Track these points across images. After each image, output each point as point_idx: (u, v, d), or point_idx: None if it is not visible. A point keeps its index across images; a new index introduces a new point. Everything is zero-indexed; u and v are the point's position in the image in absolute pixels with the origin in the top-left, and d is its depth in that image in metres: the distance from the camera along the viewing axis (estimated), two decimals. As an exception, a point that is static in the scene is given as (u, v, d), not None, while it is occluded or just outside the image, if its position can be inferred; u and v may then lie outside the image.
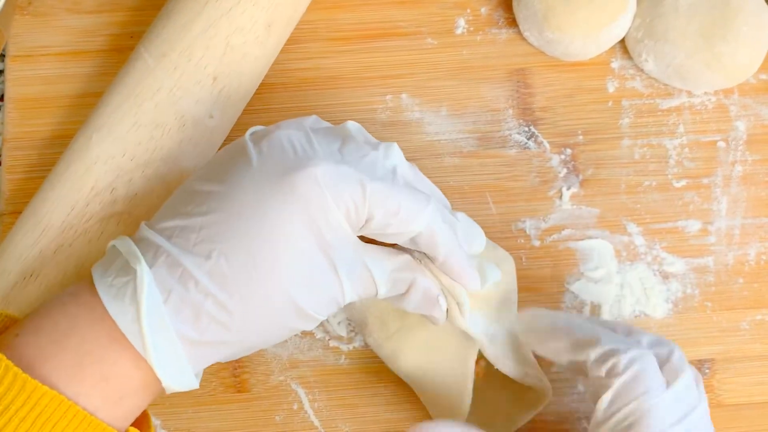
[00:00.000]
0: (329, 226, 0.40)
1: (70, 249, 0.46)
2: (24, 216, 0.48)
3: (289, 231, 0.39)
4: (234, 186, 0.40)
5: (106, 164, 0.47)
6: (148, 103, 0.48)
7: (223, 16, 0.49)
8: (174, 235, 0.39)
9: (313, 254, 0.40)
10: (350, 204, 0.40)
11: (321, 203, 0.39)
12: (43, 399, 0.36)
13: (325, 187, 0.39)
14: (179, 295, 0.38)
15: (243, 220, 0.39)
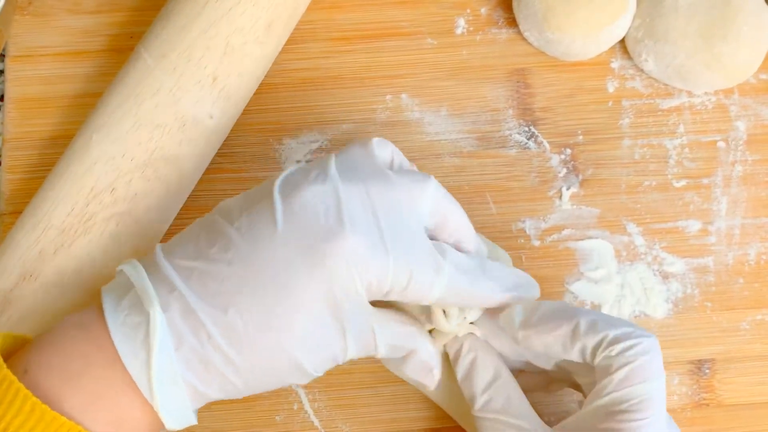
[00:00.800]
0: (348, 298, 0.40)
1: (70, 249, 0.46)
2: (24, 216, 0.48)
3: (309, 300, 0.39)
4: (260, 245, 0.39)
5: (105, 165, 0.47)
6: (148, 103, 0.48)
7: (223, 17, 0.49)
8: (192, 278, 0.39)
9: (326, 320, 0.40)
10: (373, 279, 0.40)
11: (347, 277, 0.39)
12: (62, 430, 0.36)
13: (353, 264, 0.39)
14: (191, 346, 0.38)
15: (265, 280, 0.39)
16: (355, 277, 0.39)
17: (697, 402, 0.51)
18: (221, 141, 0.52)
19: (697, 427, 0.50)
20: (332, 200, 0.40)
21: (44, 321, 0.45)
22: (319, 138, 0.54)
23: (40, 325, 0.45)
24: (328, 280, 0.39)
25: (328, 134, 0.55)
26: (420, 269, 0.41)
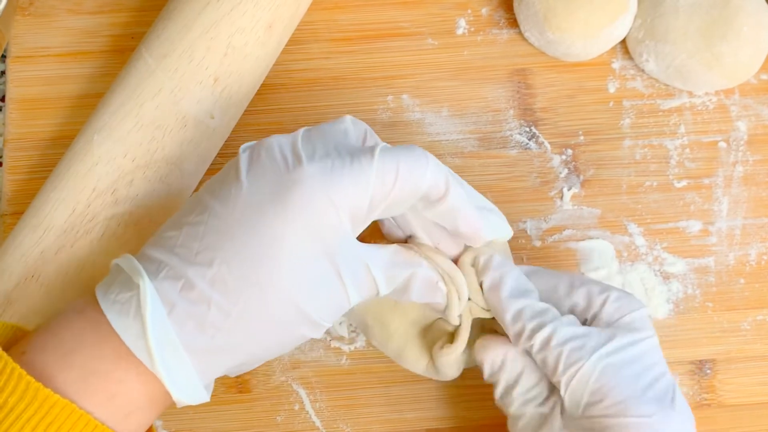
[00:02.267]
0: (332, 231, 0.39)
1: (72, 250, 0.46)
2: (26, 217, 0.48)
3: (290, 239, 0.39)
4: (230, 197, 0.40)
5: (107, 165, 0.47)
6: (149, 103, 0.48)
7: (224, 17, 0.49)
8: (177, 245, 0.39)
9: (315, 260, 0.39)
10: (353, 199, 0.40)
11: (320, 210, 0.39)
12: (55, 408, 0.36)
13: (321, 193, 0.39)
14: (183, 307, 0.38)
15: (242, 228, 0.39)
16: (331, 206, 0.39)
17: (699, 402, 0.51)
18: (223, 141, 0.52)
19: (698, 428, 0.50)
20: (290, 143, 0.41)
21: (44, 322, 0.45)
22: (320, 138, 0.54)
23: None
24: (302, 214, 0.39)
25: (329, 135, 0.55)
26: (406, 154, 0.41)
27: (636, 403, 0.40)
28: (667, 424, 0.40)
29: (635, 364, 0.41)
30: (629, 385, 0.41)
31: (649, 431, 0.40)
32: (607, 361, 0.41)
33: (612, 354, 0.41)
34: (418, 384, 0.50)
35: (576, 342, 0.41)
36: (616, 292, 0.44)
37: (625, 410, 0.40)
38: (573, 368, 0.41)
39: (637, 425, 0.40)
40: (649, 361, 0.42)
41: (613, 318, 0.43)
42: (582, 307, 0.44)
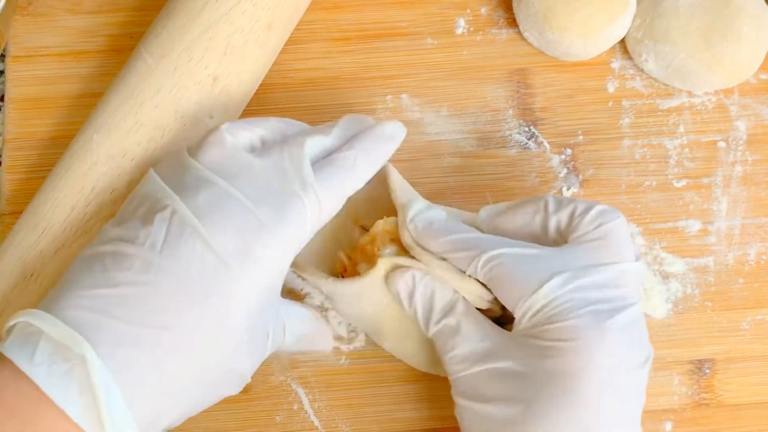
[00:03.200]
0: (274, 288, 0.42)
1: (71, 250, 0.46)
2: (24, 216, 0.48)
3: (240, 306, 0.40)
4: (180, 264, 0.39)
5: (106, 165, 0.47)
6: (148, 103, 0.48)
7: (223, 17, 0.49)
8: (115, 307, 0.38)
9: (253, 322, 0.41)
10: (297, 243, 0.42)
11: (272, 269, 0.41)
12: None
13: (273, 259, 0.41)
14: (130, 374, 0.37)
15: (197, 293, 0.39)
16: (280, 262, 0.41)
17: (698, 402, 0.51)
18: (221, 141, 0.52)
19: (697, 427, 0.50)
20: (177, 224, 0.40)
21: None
22: (320, 138, 0.54)
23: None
24: (256, 273, 0.40)
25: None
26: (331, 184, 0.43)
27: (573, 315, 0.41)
28: (596, 336, 0.40)
29: (593, 291, 0.42)
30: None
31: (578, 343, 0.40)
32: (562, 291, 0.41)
33: (568, 282, 0.41)
34: (418, 384, 0.50)
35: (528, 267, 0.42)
36: (598, 206, 0.44)
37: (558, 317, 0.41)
38: (526, 297, 0.42)
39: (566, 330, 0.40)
40: (606, 288, 0.42)
41: (588, 229, 0.43)
42: (565, 224, 0.44)
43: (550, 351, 0.41)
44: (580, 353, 0.40)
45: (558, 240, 0.45)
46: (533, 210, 0.45)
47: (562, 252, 0.43)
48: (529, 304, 0.42)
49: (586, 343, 0.40)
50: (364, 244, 0.48)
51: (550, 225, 0.45)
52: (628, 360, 0.41)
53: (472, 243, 0.44)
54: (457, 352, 0.44)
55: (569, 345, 0.40)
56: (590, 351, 0.40)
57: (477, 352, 0.43)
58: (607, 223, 0.43)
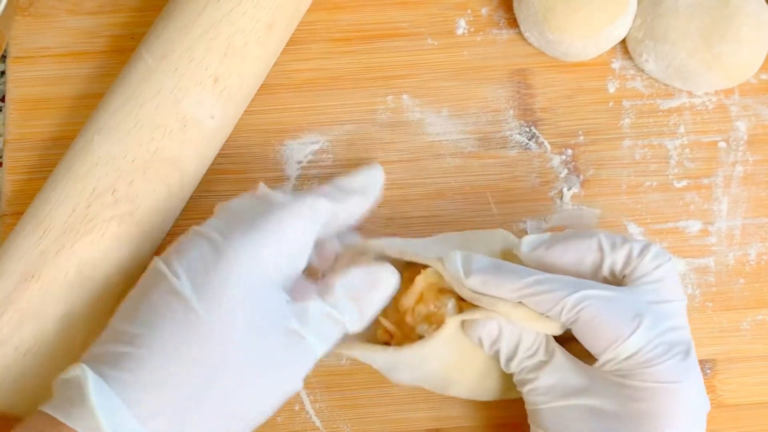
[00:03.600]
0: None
1: (72, 250, 0.46)
2: (25, 217, 0.48)
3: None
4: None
5: (107, 165, 0.47)
6: (149, 104, 0.48)
7: (223, 18, 0.49)
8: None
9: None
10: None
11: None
12: None
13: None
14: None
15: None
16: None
17: (698, 402, 0.51)
18: (222, 142, 0.52)
19: (698, 427, 0.50)
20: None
21: (45, 323, 0.45)
22: (320, 139, 0.54)
23: (40, 327, 0.45)
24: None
25: (329, 135, 0.55)
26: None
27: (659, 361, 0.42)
28: (687, 376, 0.42)
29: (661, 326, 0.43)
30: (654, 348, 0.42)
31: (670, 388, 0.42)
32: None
33: (653, 327, 0.42)
34: (418, 384, 0.50)
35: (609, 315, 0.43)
36: (654, 248, 0.45)
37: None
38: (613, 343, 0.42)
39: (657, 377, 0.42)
40: (672, 323, 0.43)
41: (647, 271, 0.44)
42: (621, 265, 0.45)
43: (642, 393, 0.42)
44: (670, 394, 0.42)
45: (609, 279, 0.45)
46: (586, 248, 0.45)
47: (632, 293, 0.44)
48: (621, 349, 0.42)
49: (675, 384, 0.42)
50: (411, 305, 0.46)
51: (604, 265, 0.45)
52: (703, 396, 0.44)
53: (554, 285, 0.43)
54: (542, 383, 0.44)
55: (659, 387, 0.42)
56: (679, 391, 0.42)
57: (564, 387, 0.44)
58: (664, 264, 0.44)
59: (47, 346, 0.45)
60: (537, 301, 0.43)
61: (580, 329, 0.43)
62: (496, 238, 0.48)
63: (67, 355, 0.46)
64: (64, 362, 0.46)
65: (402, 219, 0.53)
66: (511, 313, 0.44)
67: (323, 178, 0.54)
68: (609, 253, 0.45)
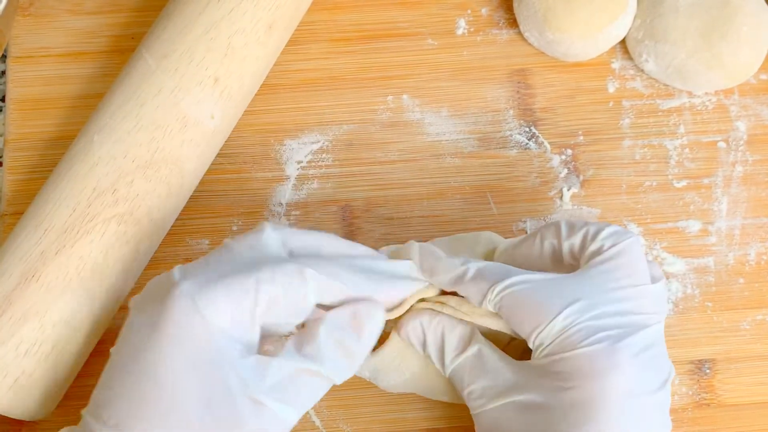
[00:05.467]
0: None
1: (72, 250, 0.46)
2: (26, 217, 0.48)
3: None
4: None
5: (107, 165, 0.47)
6: (150, 104, 0.48)
7: (224, 18, 0.49)
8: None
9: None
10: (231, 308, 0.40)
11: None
12: None
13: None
14: None
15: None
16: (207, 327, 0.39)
17: (698, 402, 0.51)
18: (223, 142, 0.52)
19: (697, 427, 0.50)
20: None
21: (45, 323, 0.45)
22: (320, 139, 0.55)
23: (40, 327, 0.45)
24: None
25: (329, 135, 0.55)
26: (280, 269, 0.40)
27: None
28: (615, 362, 0.40)
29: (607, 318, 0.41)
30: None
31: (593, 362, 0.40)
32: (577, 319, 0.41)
33: (584, 310, 0.41)
34: (418, 384, 0.50)
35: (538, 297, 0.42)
36: (610, 227, 0.43)
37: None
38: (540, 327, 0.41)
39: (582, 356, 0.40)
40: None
41: (600, 249, 0.43)
42: (578, 247, 0.44)
43: (567, 380, 0.40)
44: (595, 380, 0.39)
45: (574, 265, 0.44)
46: (547, 236, 0.45)
47: (576, 278, 0.42)
48: (545, 334, 0.41)
49: (599, 369, 0.39)
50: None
51: (563, 250, 0.44)
52: (645, 383, 0.40)
53: (485, 273, 0.43)
54: (475, 386, 0.44)
55: (583, 373, 0.40)
56: (604, 377, 0.39)
57: (496, 386, 0.43)
58: (620, 243, 0.42)
59: (47, 347, 0.45)
60: (468, 291, 0.43)
61: (508, 316, 0.42)
62: (480, 241, 0.48)
63: (67, 355, 0.46)
64: (63, 363, 0.46)
65: (402, 219, 0.53)
66: (472, 312, 0.44)
67: (323, 177, 0.54)
68: (566, 238, 0.44)
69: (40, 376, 0.45)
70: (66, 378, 0.47)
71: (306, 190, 0.54)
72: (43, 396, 0.46)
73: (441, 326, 0.45)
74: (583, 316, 0.40)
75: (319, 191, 0.54)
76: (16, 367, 0.44)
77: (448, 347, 0.45)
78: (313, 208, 0.53)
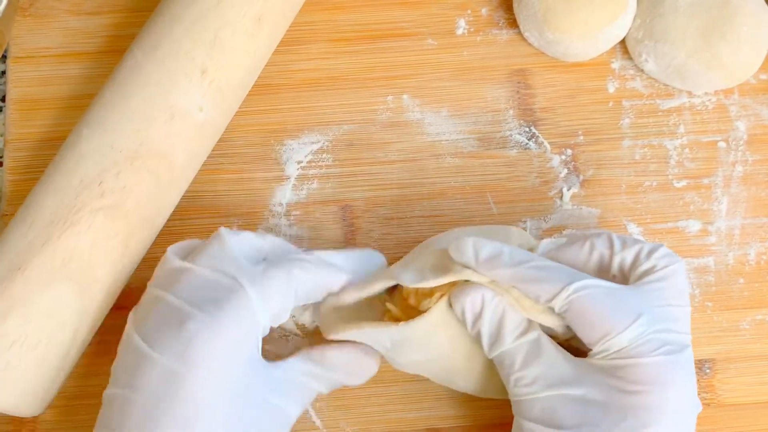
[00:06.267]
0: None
1: (58, 242, 0.45)
2: (18, 212, 0.47)
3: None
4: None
5: (94, 157, 0.47)
6: (137, 96, 0.48)
7: (211, 10, 0.49)
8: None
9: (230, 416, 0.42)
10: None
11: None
12: None
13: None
14: None
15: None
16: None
17: (698, 402, 0.51)
18: (216, 136, 0.52)
19: (697, 427, 0.50)
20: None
21: (31, 315, 0.45)
22: (320, 139, 0.55)
23: (26, 319, 0.45)
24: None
25: (329, 135, 0.55)
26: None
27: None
28: (676, 372, 0.42)
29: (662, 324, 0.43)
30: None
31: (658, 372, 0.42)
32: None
33: (650, 324, 0.42)
34: (418, 384, 0.50)
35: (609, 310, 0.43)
36: (663, 248, 0.45)
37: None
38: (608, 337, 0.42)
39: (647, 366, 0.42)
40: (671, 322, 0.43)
41: (653, 269, 0.44)
42: (629, 263, 0.45)
43: (631, 386, 0.42)
44: (660, 388, 0.41)
45: (618, 277, 0.45)
46: (598, 245, 0.45)
47: (635, 291, 0.44)
48: (614, 341, 0.42)
49: (666, 380, 0.42)
50: (414, 289, 0.46)
51: (614, 263, 0.45)
52: (694, 398, 0.43)
53: (554, 273, 0.43)
54: (527, 372, 0.44)
55: (651, 380, 0.41)
56: (669, 387, 0.42)
57: (551, 376, 0.43)
58: (671, 265, 0.44)
59: (33, 339, 0.45)
60: (535, 287, 0.43)
61: (575, 318, 0.43)
62: (511, 237, 0.48)
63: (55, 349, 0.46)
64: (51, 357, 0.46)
65: (402, 219, 0.53)
66: (531, 308, 0.44)
67: (323, 177, 0.54)
68: (619, 251, 0.45)
69: (27, 370, 0.45)
70: (56, 372, 0.46)
71: (306, 190, 0.54)
72: (32, 390, 0.45)
73: (503, 305, 0.44)
74: (650, 329, 0.42)
75: (319, 191, 0.54)
76: (1, 359, 0.44)
77: (509, 326, 0.44)
78: (313, 208, 0.53)
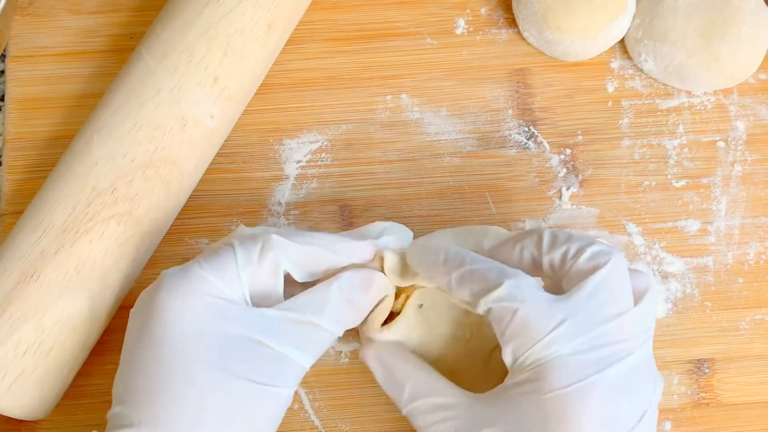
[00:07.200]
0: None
1: (71, 249, 0.46)
2: (25, 216, 0.48)
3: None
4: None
5: (107, 165, 0.47)
6: (149, 104, 0.48)
7: (223, 18, 0.49)
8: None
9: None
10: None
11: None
12: None
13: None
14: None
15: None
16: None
17: (697, 402, 0.51)
18: (222, 141, 0.52)
19: (696, 427, 0.50)
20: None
21: (44, 322, 0.45)
22: (319, 138, 0.55)
23: (39, 326, 0.45)
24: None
25: (328, 134, 0.55)
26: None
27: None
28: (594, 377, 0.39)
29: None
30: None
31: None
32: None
33: (565, 340, 0.40)
34: (417, 383, 0.50)
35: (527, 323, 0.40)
36: (591, 248, 0.41)
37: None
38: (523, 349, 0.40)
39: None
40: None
41: (581, 272, 0.41)
42: (558, 264, 0.42)
43: (537, 412, 0.39)
44: (576, 397, 0.39)
45: (552, 277, 0.43)
46: (528, 246, 0.43)
47: (561, 302, 0.40)
48: (523, 358, 0.40)
49: (571, 414, 0.39)
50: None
51: (543, 263, 0.43)
52: (619, 422, 0.39)
53: (477, 279, 0.42)
54: (440, 427, 0.42)
55: (568, 389, 0.39)
56: (573, 414, 0.39)
57: (463, 424, 0.42)
58: (602, 266, 0.41)
59: (47, 346, 0.45)
60: (462, 293, 0.42)
61: (493, 324, 0.41)
62: (488, 235, 0.48)
63: (67, 355, 0.46)
64: (62, 362, 0.46)
65: (401, 218, 0.53)
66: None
67: (322, 177, 0.54)
68: (546, 252, 0.42)
69: (40, 376, 0.45)
70: (65, 377, 0.47)
71: (305, 190, 0.54)
72: (43, 395, 0.46)
73: (406, 369, 0.45)
74: (565, 347, 0.39)
75: (318, 191, 0.54)
76: (15, 366, 0.45)
77: (407, 387, 0.44)
78: (312, 208, 0.53)
